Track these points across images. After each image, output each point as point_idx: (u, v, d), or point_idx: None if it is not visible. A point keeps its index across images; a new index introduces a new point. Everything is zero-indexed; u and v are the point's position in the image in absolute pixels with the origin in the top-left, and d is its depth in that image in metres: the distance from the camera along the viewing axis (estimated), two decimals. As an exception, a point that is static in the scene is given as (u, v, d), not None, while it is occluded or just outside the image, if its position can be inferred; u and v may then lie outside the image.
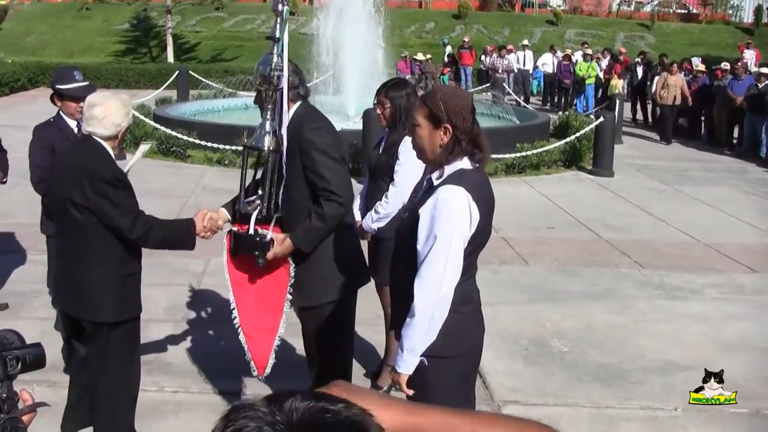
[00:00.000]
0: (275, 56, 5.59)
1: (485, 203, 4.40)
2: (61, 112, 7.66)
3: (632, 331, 9.06)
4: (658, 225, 14.19)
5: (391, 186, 6.77)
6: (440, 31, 48.94)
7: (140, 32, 50.75)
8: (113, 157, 5.88)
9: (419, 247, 4.34)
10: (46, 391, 7.01)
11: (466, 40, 39.75)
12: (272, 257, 5.67)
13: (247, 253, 5.75)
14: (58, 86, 7.56)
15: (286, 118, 5.65)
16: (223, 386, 7.39)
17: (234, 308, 5.97)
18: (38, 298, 9.59)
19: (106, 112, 5.79)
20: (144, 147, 7.07)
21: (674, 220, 14.38)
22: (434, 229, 4.26)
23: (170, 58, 44.04)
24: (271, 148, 5.71)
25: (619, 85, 28.67)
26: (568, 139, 19.88)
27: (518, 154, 18.51)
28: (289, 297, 5.86)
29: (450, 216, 4.24)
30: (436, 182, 4.40)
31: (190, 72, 31.99)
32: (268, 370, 5.97)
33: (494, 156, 17.56)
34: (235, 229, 5.84)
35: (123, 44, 49.58)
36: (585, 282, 10.75)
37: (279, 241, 5.66)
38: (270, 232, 5.65)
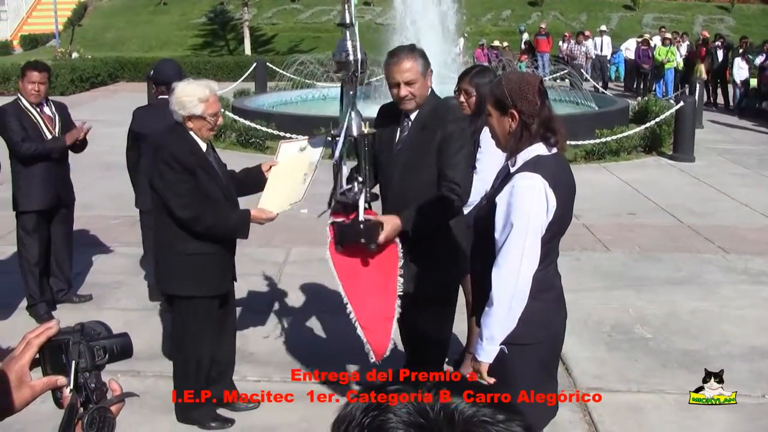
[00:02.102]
0: (348, 42, 5.61)
1: (564, 189, 4.38)
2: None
3: (717, 317, 8.94)
4: (742, 210, 13.99)
5: (474, 174, 6.72)
6: (517, 19, 48.67)
7: (217, 25, 51.11)
8: (194, 141, 6.13)
9: (496, 235, 4.34)
10: (131, 380, 7.12)
11: (542, 26, 39.54)
12: (384, 240, 5.64)
13: (352, 242, 5.70)
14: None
15: (353, 101, 5.69)
16: (305, 375, 7.42)
17: (347, 303, 5.88)
18: (120, 288, 9.72)
19: (171, 99, 6.17)
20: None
21: (758, 205, 14.17)
22: (511, 217, 4.25)
23: (247, 51, 44.35)
24: (364, 133, 5.73)
25: (702, 68, 28.31)
26: (648, 125, 19.68)
27: (598, 140, 18.35)
28: (401, 279, 5.81)
29: (526, 203, 4.23)
30: (512, 170, 4.40)
31: (267, 64, 32.12)
32: (387, 354, 5.91)
33: (574, 142, 17.52)
34: (338, 220, 5.79)
35: (200, 38, 49.98)
36: (668, 268, 10.63)
37: (387, 222, 5.63)
38: (372, 217, 5.66)
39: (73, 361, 2.14)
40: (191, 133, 6.11)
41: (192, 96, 6.04)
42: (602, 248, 11.48)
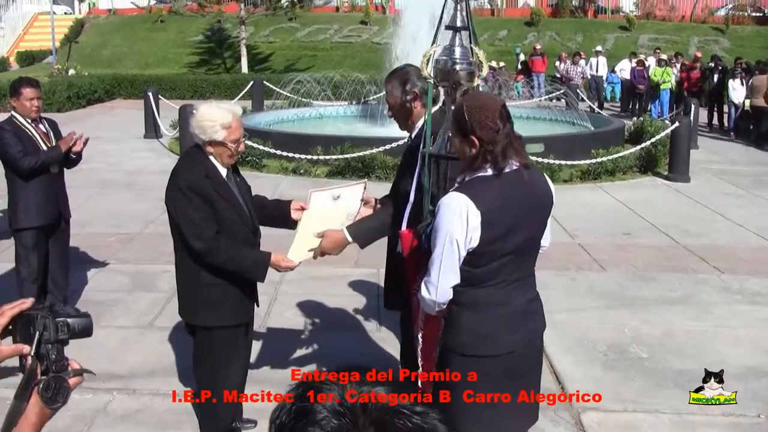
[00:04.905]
0: (458, 49, 5.19)
1: (500, 212, 4.40)
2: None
3: (712, 337, 8.95)
4: (736, 230, 14.01)
5: None
6: (513, 39, 48.76)
7: (214, 43, 51.18)
8: (212, 165, 5.86)
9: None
10: (126, 398, 7.13)
11: (537, 47, 39.64)
12: None
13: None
14: None
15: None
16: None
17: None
18: (116, 306, 9.71)
19: (192, 122, 5.89)
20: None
21: (752, 225, 14.20)
22: (435, 233, 4.43)
23: (244, 69, 44.27)
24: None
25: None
26: (643, 145, 19.70)
27: (594, 160, 18.36)
28: None
29: (445, 222, 4.36)
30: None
31: (264, 82, 32.15)
32: None
33: (570, 162, 17.64)
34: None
35: (197, 55, 50.05)
36: (663, 288, 10.64)
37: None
38: None
39: (38, 332, 2.39)
40: (210, 157, 5.84)
41: (214, 122, 5.72)
42: (598, 268, 11.46)
